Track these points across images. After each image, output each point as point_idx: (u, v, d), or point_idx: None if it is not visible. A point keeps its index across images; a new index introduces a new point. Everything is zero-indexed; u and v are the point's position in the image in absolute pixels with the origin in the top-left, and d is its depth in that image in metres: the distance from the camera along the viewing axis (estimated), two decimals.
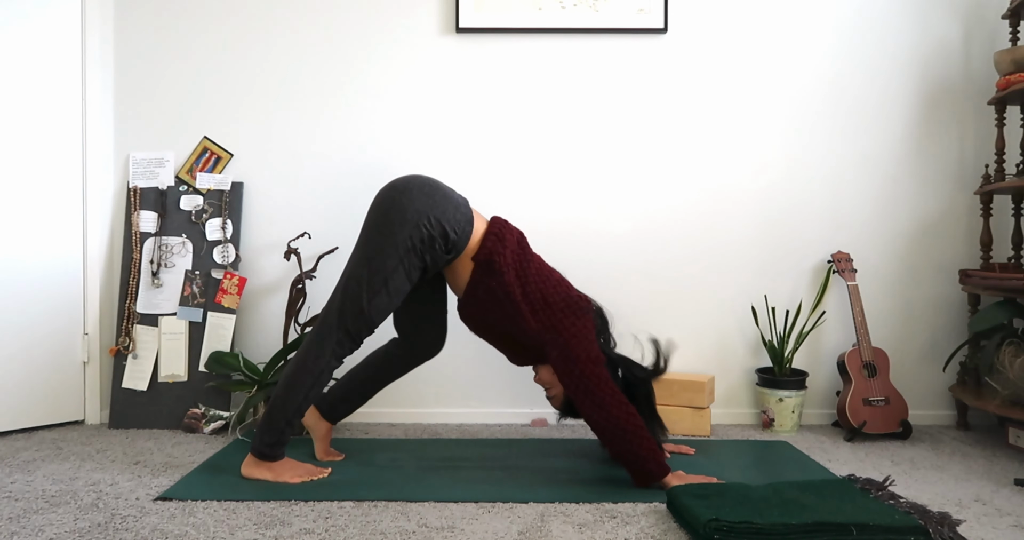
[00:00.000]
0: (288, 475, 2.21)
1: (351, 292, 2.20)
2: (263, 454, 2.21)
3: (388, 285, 2.18)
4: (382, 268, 2.18)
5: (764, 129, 3.02)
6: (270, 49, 3.02)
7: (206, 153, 3.02)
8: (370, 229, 2.22)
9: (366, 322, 2.21)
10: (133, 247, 2.96)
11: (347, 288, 2.21)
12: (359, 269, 2.20)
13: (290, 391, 2.20)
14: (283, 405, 2.21)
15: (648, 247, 3.03)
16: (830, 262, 3.00)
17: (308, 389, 2.21)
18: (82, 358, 2.95)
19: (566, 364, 2.18)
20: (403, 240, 2.17)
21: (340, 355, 2.22)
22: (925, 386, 3.03)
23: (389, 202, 2.22)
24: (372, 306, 2.19)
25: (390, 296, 2.20)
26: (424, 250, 2.19)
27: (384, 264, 2.18)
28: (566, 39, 3.01)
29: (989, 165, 2.94)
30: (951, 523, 1.76)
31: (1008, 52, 2.74)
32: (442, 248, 2.21)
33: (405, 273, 2.19)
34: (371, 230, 2.22)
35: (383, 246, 2.18)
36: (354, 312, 2.19)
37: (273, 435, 2.21)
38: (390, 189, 2.25)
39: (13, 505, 2.02)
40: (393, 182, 2.28)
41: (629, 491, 2.13)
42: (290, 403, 2.20)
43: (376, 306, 2.19)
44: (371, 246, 2.20)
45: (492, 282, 2.23)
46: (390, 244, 2.18)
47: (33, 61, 2.83)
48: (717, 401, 3.03)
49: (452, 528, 1.87)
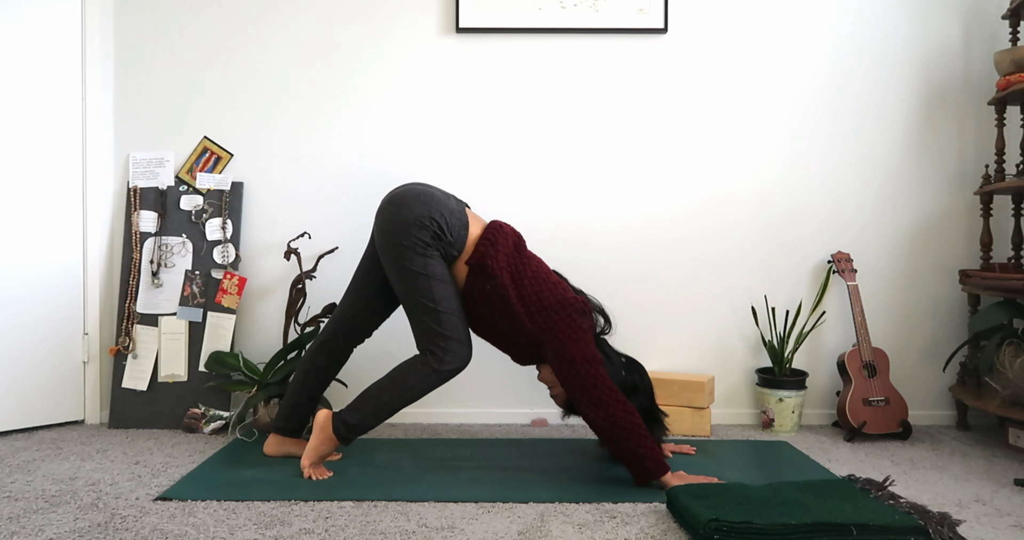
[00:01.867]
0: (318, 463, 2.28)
1: (417, 310, 2.26)
2: (344, 437, 2.25)
3: (430, 275, 2.25)
4: (419, 272, 2.24)
5: (764, 129, 3.03)
6: (270, 49, 3.02)
7: (206, 153, 3.02)
8: (386, 251, 2.28)
9: (449, 319, 2.25)
10: (133, 247, 2.96)
11: (412, 307, 2.26)
12: (403, 284, 2.26)
13: (407, 392, 2.25)
14: (379, 395, 2.27)
15: (648, 247, 3.03)
16: (830, 262, 3.00)
17: (421, 392, 2.27)
18: (82, 358, 2.95)
19: (562, 365, 2.19)
20: (415, 243, 2.24)
21: (461, 358, 2.26)
22: (925, 386, 3.03)
23: (390, 218, 2.28)
24: (438, 300, 2.24)
25: (441, 282, 2.26)
26: (436, 245, 2.26)
27: (414, 265, 2.24)
28: (566, 39, 3.02)
29: (989, 165, 2.94)
30: (951, 523, 1.76)
31: (1008, 52, 2.74)
32: (448, 242, 2.28)
33: (434, 260, 2.26)
34: (388, 251, 2.28)
35: (405, 255, 2.25)
36: (433, 320, 2.24)
37: (365, 419, 2.26)
38: (387, 205, 2.31)
39: (13, 505, 2.02)
40: (389, 197, 2.34)
41: (629, 491, 2.13)
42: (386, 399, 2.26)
43: (442, 300, 2.25)
44: (397, 262, 2.26)
45: (487, 285, 2.26)
46: (408, 250, 2.24)
47: (33, 61, 2.83)
48: (717, 401, 3.03)
49: (452, 528, 1.87)
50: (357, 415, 2.26)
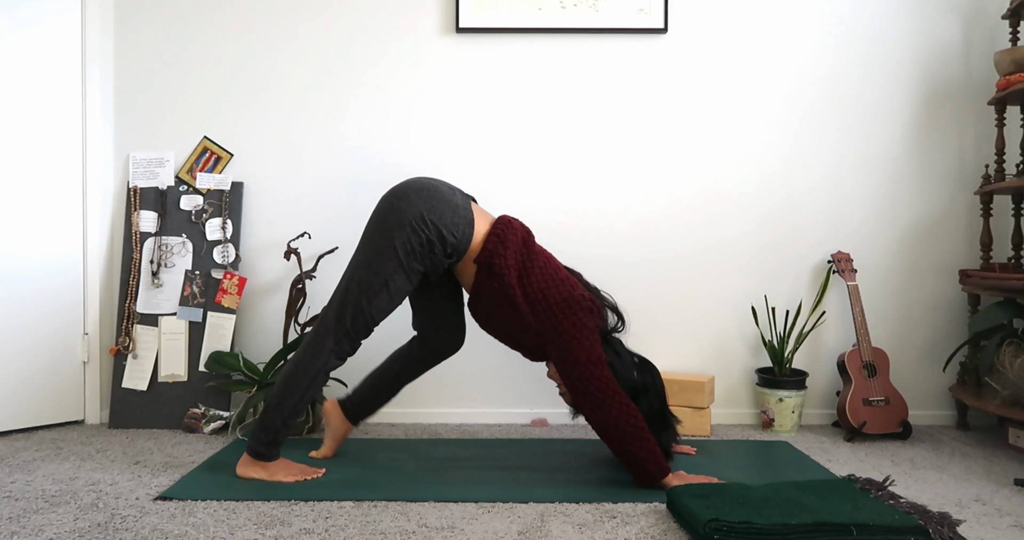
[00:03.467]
0: (282, 474, 2.22)
1: (352, 293, 2.21)
2: (258, 453, 2.22)
3: (389, 286, 2.20)
4: (382, 270, 2.19)
5: (764, 129, 3.02)
6: (270, 49, 3.02)
7: (206, 153, 3.02)
8: (371, 234, 2.24)
9: (365, 322, 2.22)
10: (133, 247, 2.96)
11: (348, 290, 2.22)
12: (360, 271, 2.22)
13: (287, 391, 2.22)
14: (279, 404, 2.22)
15: (648, 247, 3.03)
16: (830, 262, 3.00)
17: (305, 389, 2.22)
18: (82, 358, 2.95)
19: (565, 366, 2.18)
20: (402, 244, 2.19)
21: (340, 354, 2.24)
22: (925, 386, 3.03)
23: (388, 208, 2.24)
24: (373, 306, 2.21)
25: (391, 297, 2.21)
26: (423, 254, 2.20)
27: (384, 266, 2.19)
28: (566, 39, 3.01)
29: (989, 165, 2.94)
30: (951, 523, 1.76)
31: (1008, 52, 2.74)
32: (442, 252, 2.22)
33: (406, 275, 2.21)
34: (371, 235, 2.24)
35: (383, 249, 2.20)
36: (354, 312, 2.21)
37: (269, 434, 2.22)
38: (390, 195, 2.28)
39: (13, 505, 2.02)
40: (393, 188, 2.30)
41: (629, 491, 2.13)
42: (286, 402, 2.22)
43: (377, 306, 2.21)
44: (372, 249, 2.22)
45: (494, 284, 2.23)
46: (389, 247, 2.19)
47: (33, 61, 2.83)
48: (717, 401, 3.03)
49: (452, 528, 1.87)
50: (266, 432, 2.23)
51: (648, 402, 2.28)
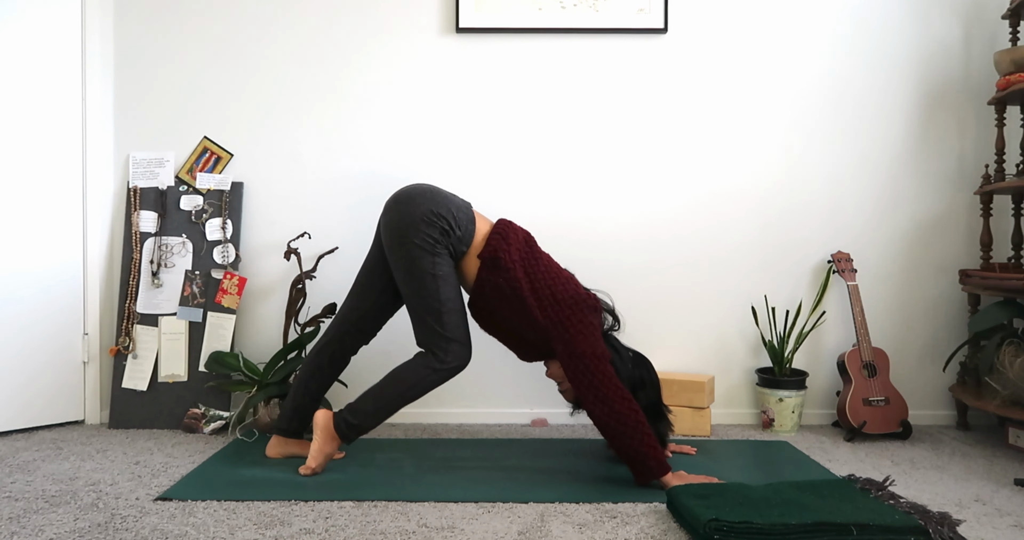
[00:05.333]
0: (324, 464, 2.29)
1: (419, 307, 2.26)
2: (345, 434, 2.27)
3: (438, 276, 2.25)
4: (424, 269, 2.24)
5: (764, 129, 3.02)
6: (270, 49, 3.02)
7: (206, 153, 3.02)
8: (394, 247, 2.29)
9: (451, 315, 2.26)
10: (133, 247, 2.96)
11: (415, 308, 2.27)
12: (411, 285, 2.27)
13: (408, 390, 2.27)
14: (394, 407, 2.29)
15: (648, 247, 3.03)
16: (830, 262, 3.00)
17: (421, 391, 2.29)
18: (82, 358, 2.95)
19: (571, 359, 2.21)
20: (422, 240, 2.24)
21: (461, 358, 2.28)
22: (925, 386, 3.03)
23: (397, 216, 2.29)
24: (443, 301, 2.25)
25: (448, 283, 2.26)
26: (444, 242, 2.27)
27: (422, 265, 2.25)
28: (566, 39, 3.01)
29: (989, 165, 2.94)
30: (951, 523, 1.76)
31: (1008, 52, 2.74)
32: (456, 238, 2.28)
33: (442, 258, 2.27)
34: (395, 248, 2.28)
35: (410, 251, 2.25)
36: (436, 317, 2.25)
37: (366, 418, 2.27)
38: (394, 203, 2.32)
39: (13, 505, 2.02)
40: (395, 195, 2.35)
41: (629, 491, 2.13)
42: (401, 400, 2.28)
43: (447, 297, 2.25)
44: (404, 260, 2.27)
45: (499, 278, 2.26)
46: (414, 248, 2.25)
47: (33, 61, 2.83)
48: (717, 401, 3.03)
49: (452, 528, 1.87)
50: (358, 414, 2.27)
51: (646, 395, 2.37)
